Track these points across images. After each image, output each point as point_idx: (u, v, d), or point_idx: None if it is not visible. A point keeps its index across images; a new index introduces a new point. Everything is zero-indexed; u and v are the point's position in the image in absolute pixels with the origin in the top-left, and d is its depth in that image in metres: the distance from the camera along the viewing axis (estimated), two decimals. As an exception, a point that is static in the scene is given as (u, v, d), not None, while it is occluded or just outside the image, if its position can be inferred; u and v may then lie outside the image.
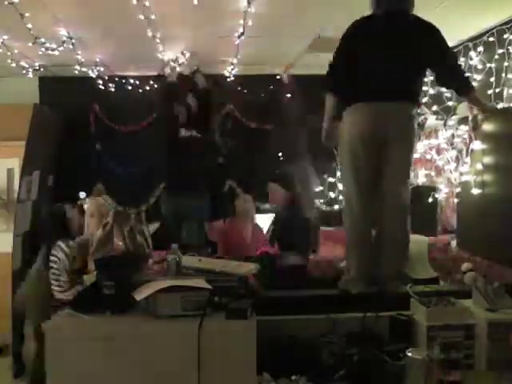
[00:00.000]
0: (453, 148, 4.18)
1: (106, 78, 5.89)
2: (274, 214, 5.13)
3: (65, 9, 3.65)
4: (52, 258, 3.32)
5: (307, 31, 4.32)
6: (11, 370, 4.19)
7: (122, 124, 6.27)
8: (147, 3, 3.40)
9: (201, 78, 5.59)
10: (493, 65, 3.96)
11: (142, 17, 3.55)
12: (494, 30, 3.96)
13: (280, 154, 6.10)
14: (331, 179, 5.97)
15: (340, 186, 5.95)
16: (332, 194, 5.91)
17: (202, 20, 3.96)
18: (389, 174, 2.69)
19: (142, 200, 6.23)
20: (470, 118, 3.61)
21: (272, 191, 5.04)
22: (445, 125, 4.02)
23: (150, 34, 4.10)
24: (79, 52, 4.63)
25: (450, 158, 4.18)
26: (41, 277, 3.42)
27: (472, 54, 4.23)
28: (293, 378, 1.97)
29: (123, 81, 6.07)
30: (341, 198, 5.94)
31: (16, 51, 4.52)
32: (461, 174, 3.84)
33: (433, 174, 4.46)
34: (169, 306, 1.86)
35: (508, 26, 3.83)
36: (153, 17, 3.67)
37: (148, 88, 6.13)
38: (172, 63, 5.18)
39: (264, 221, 5.13)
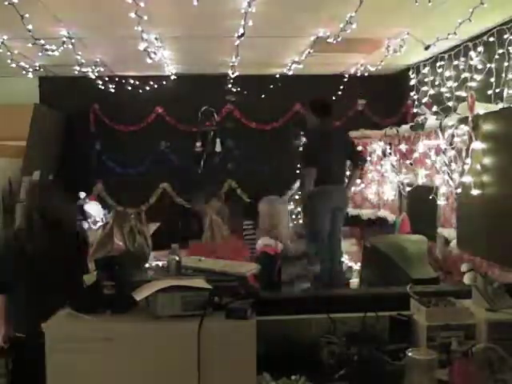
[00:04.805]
0: (452, 148, 4.18)
1: (106, 78, 5.89)
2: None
3: (65, 9, 3.65)
4: None
5: (307, 31, 4.33)
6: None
7: (122, 124, 6.28)
8: (147, 4, 3.39)
9: None
10: (493, 65, 3.96)
11: (145, 17, 3.55)
12: (494, 30, 3.96)
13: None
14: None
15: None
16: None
17: (202, 20, 3.96)
18: None
19: (142, 200, 6.25)
20: (469, 118, 3.61)
21: None
22: (441, 125, 4.02)
23: (150, 34, 4.11)
24: (79, 52, 4.63)
25: (449, 158, 4.18)
26: None
27: (472, 53, 4.23)
28: (293, 377, 1.97)
29: (123, 81, 6.08)
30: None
31: (16, 51, 4.52)
32: (460, 174, 3.84)
33: (433, 174, 4.45)
34: (169, 305, 1.86)
35: (508, 25, 3.83)
36: (152, 17, 3.68)
37: (148, 88, 6.15)
38: None
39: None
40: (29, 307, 2.73)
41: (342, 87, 6.06)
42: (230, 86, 6.14)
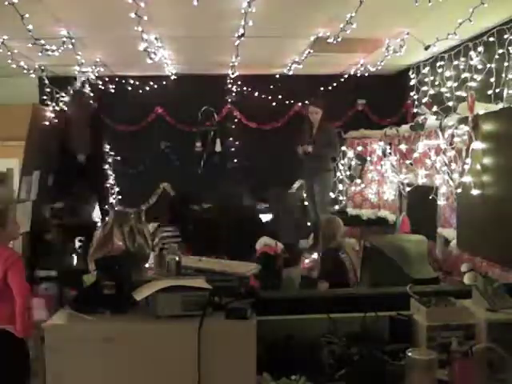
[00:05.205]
0: (452, 148, 4.18)
1: (106, 78, 5.89)
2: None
3: (65, 9, 3.65)
4: None
5: (307, 31, 4.32)
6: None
7: (122, 124, 6.28)
8: (147, 4, 3.39)
9: None
10: (493, 65, 3.96)
11: (145, 18, 3.55)
12: (494, 30, 3.95)
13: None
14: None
15: (340, 187, 6.00)
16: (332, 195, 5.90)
17: (202, 20, 3.96)
18: None
19: (142, 200, 6.24)
20: (469, 118, 3.61)
21: None
22: (441, 126, 4.02)
23: (150, 34, 4.11)
24: (79, 52, 4.63)
25: (449, 158, 4.18)
26: None
27: (472, 53, 4.23)
28: (293, 377, 1.97)
29: (123, 81, 6.07)
30: (341, 198, 6.00)
31: (16, 51, 4.52)
32: (460, 174, 3.84)
33: (433, 174, 4.46)
34: (169, 306, 1.86)
35: (508, 25, 3.83)
36: (152, 17, 3.67)
37: (148, 88, 6.15)
38: None
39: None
40: None
41: (341, 87, 6.06)
42: (229, 85, 6.14)
